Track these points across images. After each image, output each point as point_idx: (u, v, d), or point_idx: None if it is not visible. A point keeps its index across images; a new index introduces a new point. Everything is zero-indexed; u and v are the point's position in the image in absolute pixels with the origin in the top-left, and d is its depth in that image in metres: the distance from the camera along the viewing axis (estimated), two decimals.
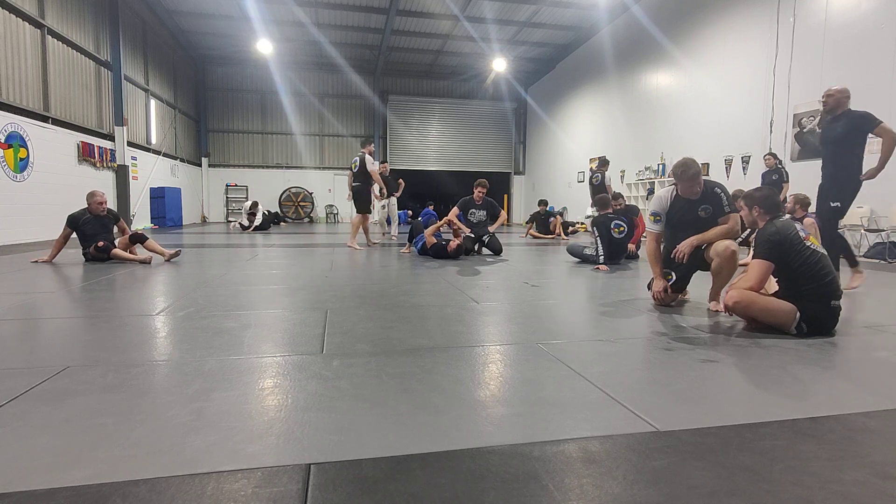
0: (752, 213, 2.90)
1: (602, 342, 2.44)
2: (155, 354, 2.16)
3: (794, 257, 2.60)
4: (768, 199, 2.85)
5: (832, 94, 4.17)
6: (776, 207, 2.84)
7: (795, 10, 8.68)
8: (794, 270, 2.61)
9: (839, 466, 1.26)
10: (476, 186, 6.92)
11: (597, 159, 15.05)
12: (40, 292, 3.62)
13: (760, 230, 2.79)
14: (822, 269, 2.58)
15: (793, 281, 2.65)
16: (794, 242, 2.62)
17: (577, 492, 1.14)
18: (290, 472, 1.20)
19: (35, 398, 1.64)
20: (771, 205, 2.84)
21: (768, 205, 2.84)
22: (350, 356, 2.15)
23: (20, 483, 1.14)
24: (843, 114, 4.15)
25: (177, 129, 16.13)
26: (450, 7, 13.98)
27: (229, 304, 3.27)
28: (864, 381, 1.93)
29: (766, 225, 2.77)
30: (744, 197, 2.98)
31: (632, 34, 13.18)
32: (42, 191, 8.93)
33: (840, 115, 4.17)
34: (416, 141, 20.34)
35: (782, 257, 2.63)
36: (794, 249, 2.60)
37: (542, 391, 1.77)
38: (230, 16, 14.57)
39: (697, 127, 11.02)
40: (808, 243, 2.62)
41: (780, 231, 2.66)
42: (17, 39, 8.49)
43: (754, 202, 2.89)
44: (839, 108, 4.17)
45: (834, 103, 4.17)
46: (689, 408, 1.63)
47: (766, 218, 2.83)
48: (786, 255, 2.62)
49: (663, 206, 3.42)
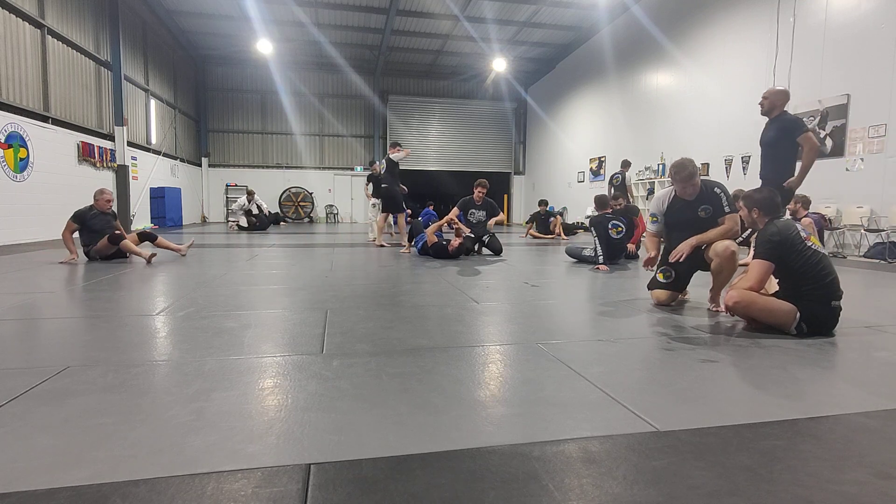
0: (752, 215, 2.90)
1: (602, 342, 2.44)
2: (155, 354, 2.16)
3: (794, 258, 2.60)
4: (768, 200, 2.85)
5: (767, 97, 4.10)
6: (776, 208, 2.84)
7: (795, 10, 8.68)
8: (795, 271, 2.61)
9: (839, 466, 1.26)
10: (476, 187, 6.92)
11: (597, 159, 15.15)
12: (40, 292, 3.62)
13: (761, 231, 2.79)
14: (822, 269, 2.58)
15: (793, 281, 2.65)
16: (794, 243, 2.61)
17: (577, 492, 1.14)
18: (290, 472, 1.20)
19: (35, 398, 1.64)
20: (771, 206, 2.84)
21: (768, 206, 2.84)
22: (350, 356, 2.15)
23: (20, 483, 1.14)
24: (777, 117, 4.07)
25: (177, 129, 16.13)
26: (450, 7, 13.99)
27: (229, 304, 3.27)
28: (864, 381, 1.93)
29: (767, 225, 2.77)
30: (743, 198, 2.97)
31: (632, 34, 13.18)
32: (42, 191, 8.93)
33: (774, 118, 4.09)
34: (416, 141, 20.33)
35: (783, 257, 2.63)
36: (795, 250, 2.60)
37: (542, 391, 1.77)
38: (230, 16, 14.58)
39: (697, 127, 11.02)
40: (808, 243, 2.62)
41: (781, 231, 2.66)
42: (17, 39, 8.49)
43: (754, 204, 2.89)
44: (773, 111, 4.08)
45: (769, 105, 4.09)
46: (689, 408, 1.63)
47: (766, 219, 2.83)
48: (786, 256, 2.62)
49: (661, 206, 3.43)
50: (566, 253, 6.39)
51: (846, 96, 7.83)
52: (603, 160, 14.96)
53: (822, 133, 8.25)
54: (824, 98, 8.18)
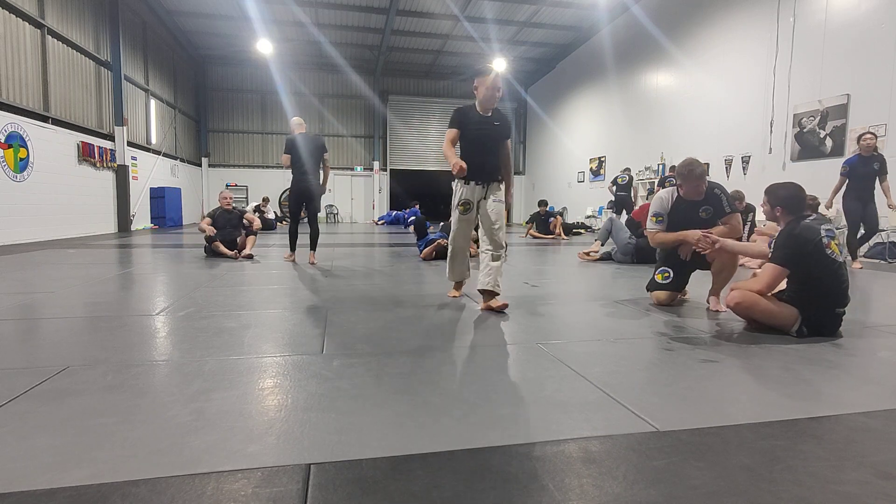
0: (775, 213, 2.68)
1: (602, 342, 2.44)
2: (155, 354, 2.16)
3: (814, 264, 2.49)
4: (794, 198, 2.63)
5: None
6: (801, 208, 2.63)
7: (795, 10, 8.67)
8: (814, 277, 2.51)
9: (839, 466, 1.26)
10: None
11: (597, 159, 15.15)
12: (40, 292, 3.62)
13: (782, 231, 2.63)
14: (837, 277, 2.51)
15: (805, 286, 2.55)
16: (817, 249, 2.48)
17: (577, 492, 1.14)
18: (290, 472, 1.20)
19: (35, 398, 1.64)
20: (796, 205, 2.63)
21: (793, 205, 2.63)
22: (350, 356, 2.15)
23: (20, 483, 1.14)
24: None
25: (177, 129, 16.12)
26: (450, 7, 13.98)
27: (229, 304, 3.27)
28: (865, 380, 1.93)
29: (790, 226, 2.60)
30: (767, 192, 2.74)
31: (632, 34, 13.18)
32: (42, 191, 8.92)
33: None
34: (416, 141, 20.32)
35: (802, 262, 2.51)
36: (814, 258, 2.48)
37: (542, 391, 1.77)
38: (230, 16, 14.57)
39: (697, 127, 11.02)
40: (828, 251, 2.49)
41: (803, 235, 2.51)
42: (17, 39, 8.48)
43: (778, 201, 2.66)
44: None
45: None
46: (689, 408, 1.63)
47: (789, 218, 2.64)
48: (806, 261, 2.50)
49: (665, 207, 3.42)
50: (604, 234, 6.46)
51: (846, 96, 7.82)
52: (603, 160, 14.95)
53: (822, 133, 8.25)
54: (824, 98, 8.17)
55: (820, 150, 8.29)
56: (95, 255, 6.19)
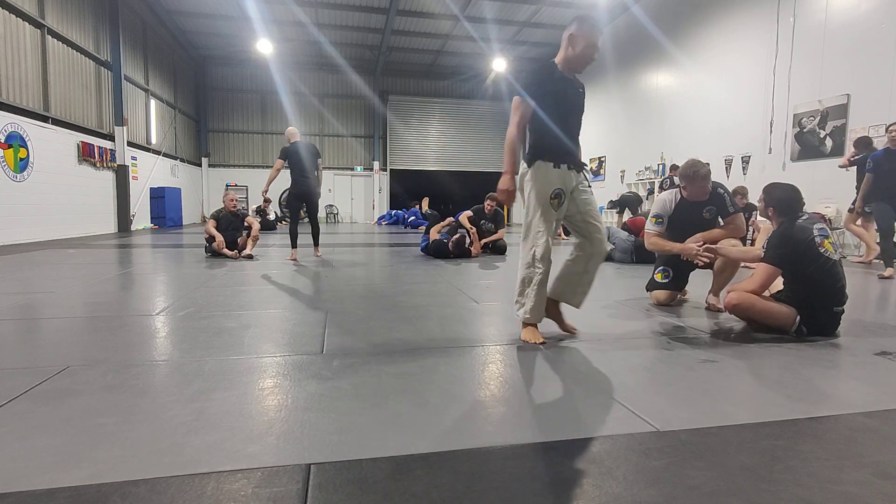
0: (768, 212, 2.76)
1: (602, 342, 2.44)
2: (155, 354, 2.16)
3: (807, 263, 2.51)
4: (785, 201, 2.67)
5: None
6: (791, 210, 2.66)
7: (795, 10, 8.68)
8: (808, 276, 2.52)
9: (839, 466, 1.26)
10: (487, 199, 7.10)
11: (597, 159, 15.13)
12: (40, 292, 3.62)
13: (774, 231, 2.67)
14: (832, 276, 2.52)
15: (800, 285, 2.57)
16: (809, 249, 2.50)
17: (577, 492, 1.14)
18: (290, 472, 1.20)
19: (35, 398, 1.64)
20: (787, 207, 2.66)
21: (784, 207, 2.67)
22: (350, 356, 2.15)
23: (20, 483, 1.14)
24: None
25: (177, 129, 16.13)
26: (450, 7, 13.98)
27: (229, 304, 3.27)
28: (865, 380, 1.93)
29: (781, 227, 2.64)
30: (765, 190, 2.80)
31: (632, 34, 13.18)
32: (42, 191, 8.92)
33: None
34: (416, 141, 20.33)
35: (795, 262, 2.53)
36: (807, 256, 2.50)
37: (542, 391, 1.77)
38: (230, 16, 14.57)
39: (697, 127, 11.02)
40: (822, 250, 2.50)
41: (795, 236, 2.54)
42: (17, 39, 8.48)
43: (772, 202, 2.71)
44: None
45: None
46: (689, 408, 1.63)
47: (780, 220, 2.69)
48: (798, 260, 2.52)
49: (667, 209, 3.40)
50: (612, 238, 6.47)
51: (846, 96, 7.83)
52: (603, 160, 14.96)
53: (822, 133, 8.25)
54: (824, 98, 8.18)
55: (820, 150, 8.29)
56: (95, 255, 6.19)
